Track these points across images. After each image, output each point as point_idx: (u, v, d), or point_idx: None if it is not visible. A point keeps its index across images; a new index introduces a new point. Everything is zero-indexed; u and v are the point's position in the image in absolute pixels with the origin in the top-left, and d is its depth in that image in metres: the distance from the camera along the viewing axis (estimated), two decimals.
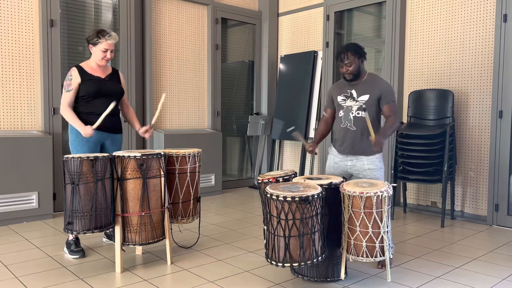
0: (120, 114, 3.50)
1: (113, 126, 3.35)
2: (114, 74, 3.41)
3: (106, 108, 3.23)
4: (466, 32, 4.49)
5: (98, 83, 3.25)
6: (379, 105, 3.01)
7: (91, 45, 3.25)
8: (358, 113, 3.02)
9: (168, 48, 5.44)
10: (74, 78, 3.21)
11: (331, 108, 3.22)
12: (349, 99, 3.06)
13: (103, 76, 3.31)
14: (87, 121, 3.21)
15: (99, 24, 4.91)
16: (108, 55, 3.23)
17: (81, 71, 3.24)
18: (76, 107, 3.26)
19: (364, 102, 2.99)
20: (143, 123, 5.04)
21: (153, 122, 3.35)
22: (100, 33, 3.21)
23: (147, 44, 5.16)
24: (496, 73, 4.20)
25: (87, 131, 3.12)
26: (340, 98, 3.11)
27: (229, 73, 6.21)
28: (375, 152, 2.99)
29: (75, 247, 3.25)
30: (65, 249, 3.30)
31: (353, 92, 3.05)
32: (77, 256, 3.20)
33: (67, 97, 3.21)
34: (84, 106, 3.25)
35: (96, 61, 3.27)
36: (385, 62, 5.06)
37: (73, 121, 3.19)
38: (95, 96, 3.23)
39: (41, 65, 4.41)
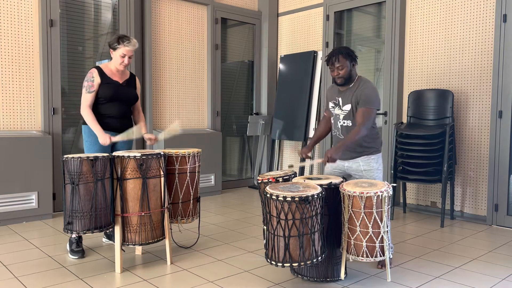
0: None
1: (124, 127, 3.41)
2: (131, 79, 3.50)
3: (119, 111, 3.36)
4: (466, 32, 4.49)
5: (115, 88, 3.32)
6: None
7: (111, 50, 3.32)
8: (344, 123, 3.01)
9: (168, 48, 5.44)
10: (95, 79, 3.27)
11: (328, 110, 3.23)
12: (336, 107, 3.05)
13: (121, 81, 3.39)
14: (99, 122, 3.29)
15: (99, 24, 4.91)
16: (126, 60, 3.30)
17: (101, 73, 3.31)
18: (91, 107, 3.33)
19: (347, 111, 2.98)
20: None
21: (159, 137, 3.44)
22: (121, 39, 3.28)
23: (147, 44, 5.16)
24: (495, 73, 4.20)
25: (106, 140, 3.18)
26: (330, 105, 3.11)
27: (229, 73, 6.21)
28: (371, 153, 2.99)
29: (76, 246, 3.26)
30: (68, 246, 3.34)
31: (340, 100, 3.02)
32: (77, 257, 3.20)
33: (88, 98, 3.26)
34: (98, 108, 3.32)
35: (116, 65, 3.34)
36: (385, 62, 5.06)
37: (93, 125, 3.24)
38: (110, 100, 3.31)
39: (41, 65, 4.41)
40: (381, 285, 2.76)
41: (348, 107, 2.98)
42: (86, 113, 3.25)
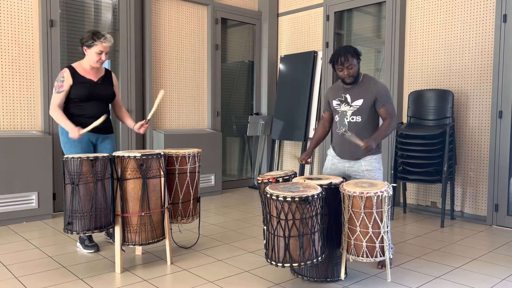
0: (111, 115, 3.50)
1: (103, 127, 3.31)
2: (107, 76, 3.39)
3: (96, 111, 3.23)
4: (466, 32, 4.49)
5: (89, 86, 3.22)
6: (375, 108, 2.99)
7: (85, 47, 3.23)
8: (352, 118, 3.00)
9: (168, 48, 5.44)
10: (66, 80, 3.19)
11: (328, 111, 3.21)
12: (343, 104, 3.04)
13: (95, 79, 3.29)
14: (78, 123, 3.18)
15: (99, 25, 4.91)
16: (103, 57, 3.22)
17: (73, 73, 3.21)
18: (68, 109, 3.25)
19: (358, 106, 2.98)
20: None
21: (148, 117, 3.33)
22: (95, 35, 3.19)
23: (147, 44, 5.16)
24: (496, 73, 4.20)
25: (75, 134, 3.09)
26: (335, 103, 3.09)
27: (229, 73, 6.21)
28: (373, 153, 2.99)
29: (89, 242, 3.33)
30: (79, 244, 3.36)
31: (348, 96, 3.02)
32: (92, 250, 3.28)
33: (57, 99, 3.19)
34: (75, 108, 3.24)
35: (91, 63, 3.24)
36: (385, 62, 5.06)
37: (63, 121, 3.16)
38: (86, 99, 3.22)
39: (41, 65, 4.41)
40: (381, 285, 2.76)
41: (359, 102, 2.98)
42: (55, 112, 3.17)
